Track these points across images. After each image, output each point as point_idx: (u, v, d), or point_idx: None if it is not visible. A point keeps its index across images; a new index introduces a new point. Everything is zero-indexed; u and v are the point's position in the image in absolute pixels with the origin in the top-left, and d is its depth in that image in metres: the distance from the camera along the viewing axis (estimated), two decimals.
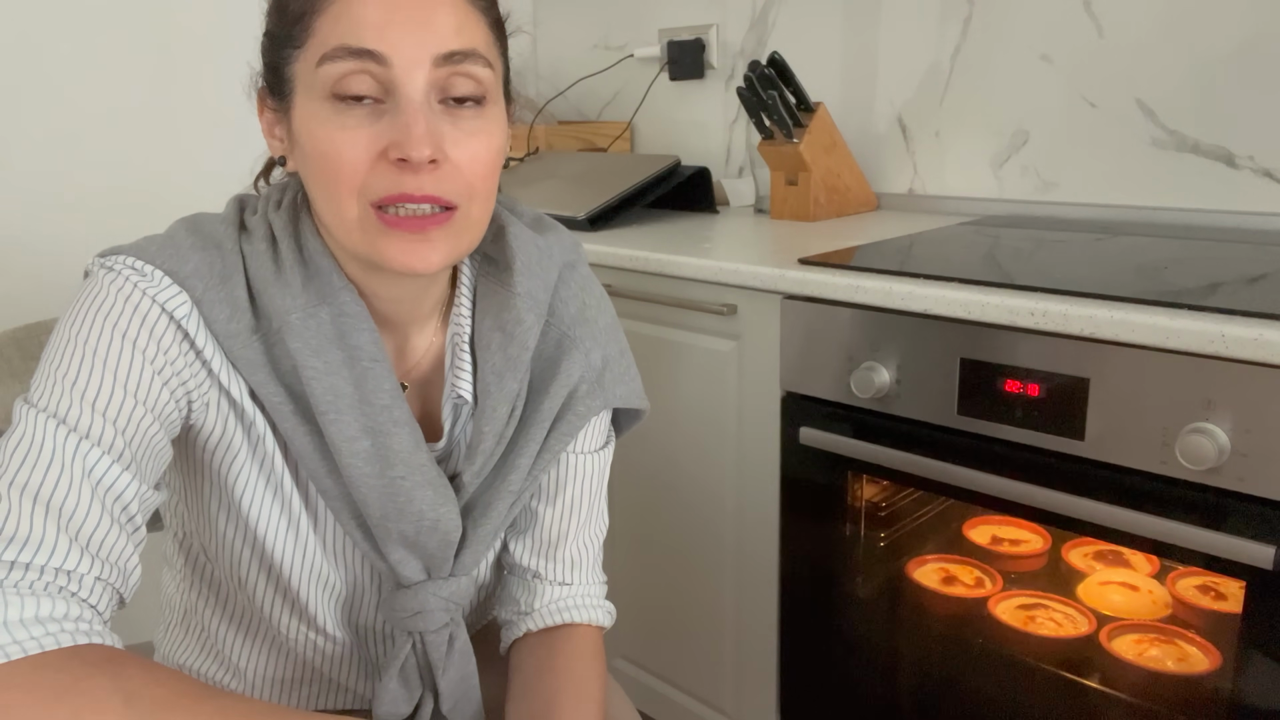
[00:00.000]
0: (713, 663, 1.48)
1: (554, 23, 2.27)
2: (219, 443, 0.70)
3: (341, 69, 0.62)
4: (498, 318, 0.74)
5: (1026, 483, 1.02)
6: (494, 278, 0.76)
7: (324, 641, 0.80)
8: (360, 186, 0.63)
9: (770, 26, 1.85)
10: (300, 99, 0.65)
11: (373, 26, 0.61)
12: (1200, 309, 0.92)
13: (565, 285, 0.79)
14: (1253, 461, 0.88)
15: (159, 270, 0.65)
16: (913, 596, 1.29)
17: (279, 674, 0.83)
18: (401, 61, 0.62)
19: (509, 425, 0.75)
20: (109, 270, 0.65)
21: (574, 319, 0.79)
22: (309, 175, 0.66)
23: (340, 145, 0.62)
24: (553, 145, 2.05)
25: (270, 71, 0.68)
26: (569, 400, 0.78)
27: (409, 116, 0.62)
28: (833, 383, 1.19)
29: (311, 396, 0.67)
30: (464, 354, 0.76)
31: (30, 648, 0.52)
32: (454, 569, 0.76)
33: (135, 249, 0.66)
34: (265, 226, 0.70)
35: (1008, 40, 1.54)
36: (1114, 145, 1.46)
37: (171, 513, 0.81)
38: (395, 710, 0.79)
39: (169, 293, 0.65)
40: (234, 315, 0.67)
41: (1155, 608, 1.17)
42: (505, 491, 0.76)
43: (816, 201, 1.62)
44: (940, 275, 1.10)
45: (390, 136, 0.62)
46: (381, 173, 0.63)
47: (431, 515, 0.72)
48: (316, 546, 0.76)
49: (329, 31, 0.62)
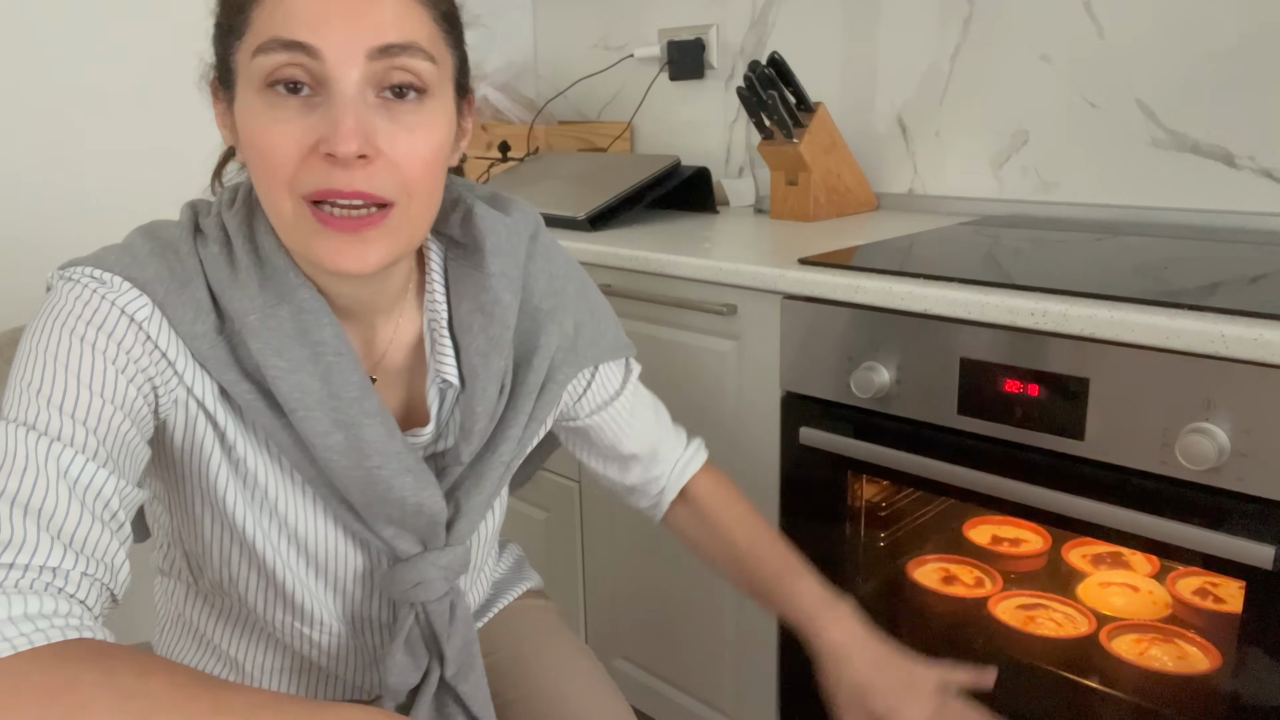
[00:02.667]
0: (713, 663, 1.48)
1: (554, 23, 2.27)
2: (193, 445, 0.71)
3: (274, 61, 0.61)
4: (475, 300, 0.75)
5: (1026, 483, 1.02)
6: (465, 260, 0.76)
7: (320, 635, 0.81)
8: (291, 180, 0.62)
9: (770, 26, 1.85)
10: (240, 90, 0.65)
11: (306, 19, 0.61)
12: (1200, 309, 0.92)
13: (532, 260, 0.80)
14: (1253, 461, 0.88)
15: (118, 277, 0.65)
16: (913, 596, 1.28)
17: (277, 667, 0.83)
18: (334, 55, 0.61)
19: (499, 402, 0.77)
20: (68, 281, 0.65)
21: (544, 292, 0.81)
22: (250, 169, 0.66)
23: (272, 138, 0.62)
24: (553, 145, 2.05)
25: (219, 62, 0.67)
26: (550, 370, 0.81)
27: (338, 111, 0.61)
28: (832, 383, 1.18)
29: (279, 395, 0.67)
30: (444, 338, 0.76)
31: (20, 644, 0.51)
32: (449, 540, 0.78)
33: (94, 259, 0.66)
34: (219, 229, 0.70)
35: (1008, 40, 1.54)
36: (1114, 145, 1.46)
37: (156, 521, 0.81)
38: (405, 680, 0.80)
39: (129, 296, 0.65)
40: (198, 317, 0.67)
41: (1155, 608, 1.17)
42: (497, 462, 0.78)
43: (816, 201, 1.62)
44: (940, 275, 1.10)
45: (320, 131, 0.61)
46: (312, 167, 0.62)
47: (414, 500, 0.73)
48: (305, 541, 0.76)
49: (264, 23, 0.61)
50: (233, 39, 0.64)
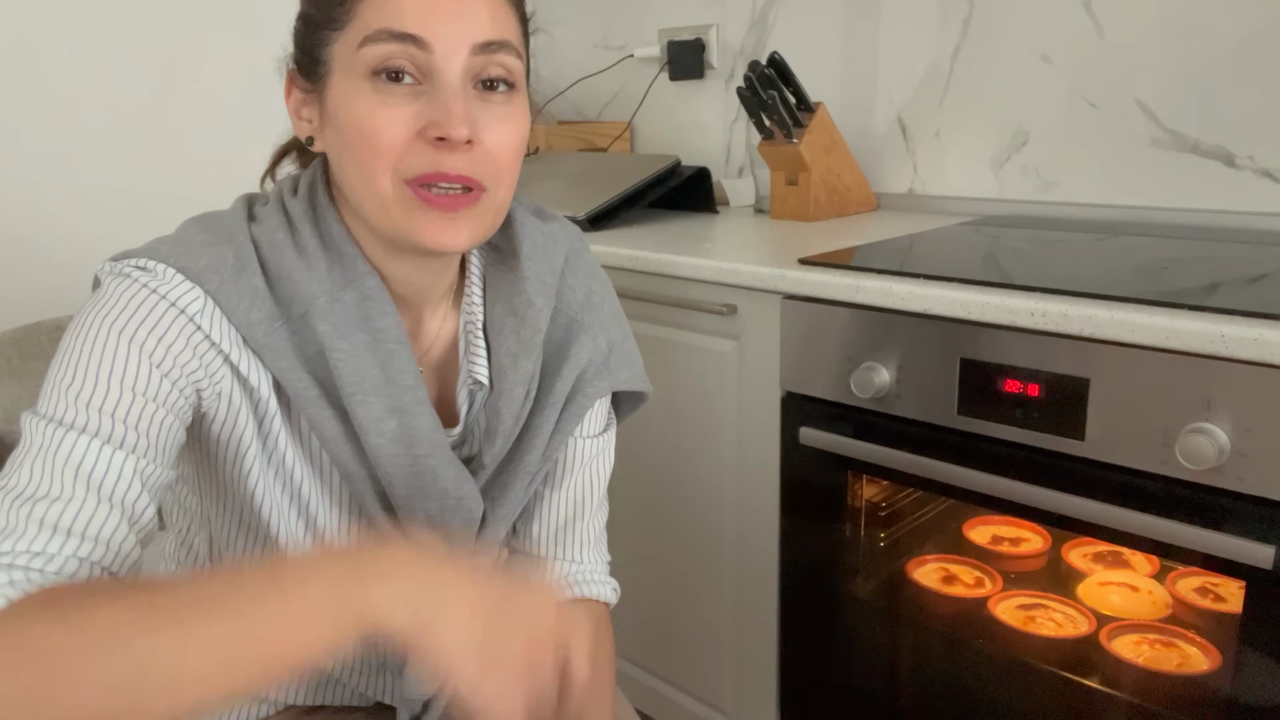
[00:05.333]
0: (713, 663, 1.48)
1: (554, 23, 2.27)
2: (230, 436, 0.71)
3: (383, 50, 0.64)
4: (509, 303, 0.77)
5: (1026, 483, 1.02)
6: (502, 264, 0.78)
7: None
8: (396, 162, 0.65)
9: (770, 26, 1.85)
10: (338, 79, 0.66)
11: (415, 13, 0.64)
12: (1200, 309, 0.92)
13: (572, 272, 0.82)
14: (1253, 461, 0.88)
15: (171, 269, 0.66)
16: (913, 596, 1.28)
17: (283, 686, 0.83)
18: (442, 47, 0.64)
19: (525, 406, 0.78)
20: (119, 276, 0.66)
21: (581, 304, 0.81)
22: (345, 152, 0.67)
23: (380, 121, 0.64)
24: (553, 145, 2.05)
25: (303, 53, 0.69)
26: (578, 382, 0.81)
27: (449, 98, 0.64)
28: (833, 383, 1.19)
29: (339, 378, 0.69)
30: (478, 339, 0.78)
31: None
32: (476, 544, 0.78)
33: (147, 250, 0.67)
34: (280, 214, 0.71)
35: (1008, 40, 1.54)
36: (1114, 145, 1.46)
37: (180, 507, 0.80)
38: (422, 691, 0.80)
39: (181, 289, 0.65)
40: (253, 304, 0.68)
41: (1155, 608, 1.18)
42: (523, 472, 0.79)
43: (816, 201, 1.62)
44: (940, 275, 1.10)
45: (429, 116, 0.64)
46: (419, 151, 0.65)
47: (456, 493, 0.74)
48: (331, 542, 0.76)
49: (372, 16, 0.64)
50: (328, 31, 0.66)
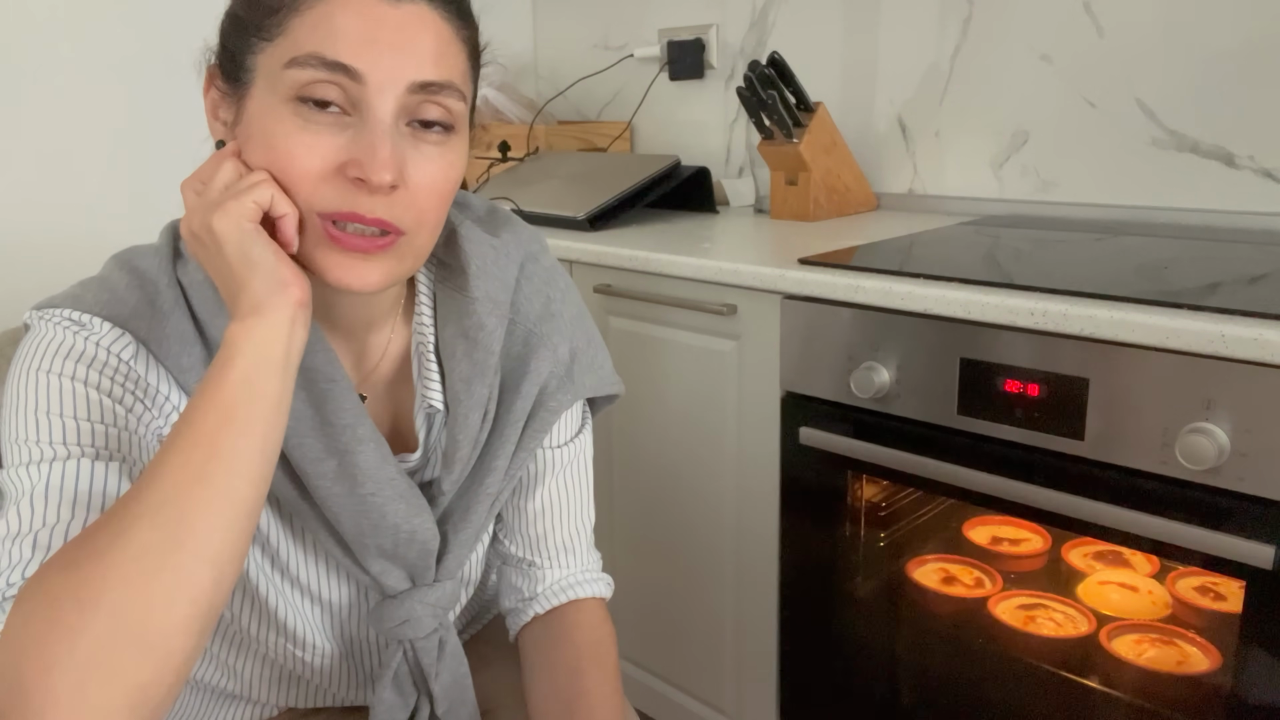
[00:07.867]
0: (713, 663, 1.48)
1: (554, 23, 2.27)
2: None
3: (310, 76, 0.59)
4: (459, 324, 0.73)
5: (1026, 483, 1.02)
6: (450, 283, 0.75)
7: (313, 656, 0.80)
8: (310, 194, 0.61)
9: (770, 26, 1.85)
10: (259, 92, 0.62)
11: (351, 42, 0.59)
12: (1200, 309, 0.92)
13: (528, 281, 0.78)
14: (1253, 461, 0.88)
15: (97, 318, 0.64)
16: (913, 596, 1.28)
17: (269, 677, 0.83)
18: (376, 81, 0.60)
19: (483, 429, 0.75)
20: (47, 323, 0.64)
21: (539, 315, 0.78)
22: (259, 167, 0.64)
23: (298, 148, 0.60)
24: (552, 145, 2.05)
25: (227, 54, 0.65)
26: (540, 397, 0.78)
27: (376, 137, 0.60)
28: (832, 383, 1.19)
29: None
30: (430, 362, 0.75)
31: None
32: (438, 574, 0.76)
33: (72, 299, 0.65)
34: None
35: (1008, 40, 1.54)
36: (1114, 145, 1.46)
37: None
38: (392, 718, 0.79)
39: (111, 336, 0.64)
40: (184, 349, 0.66)
41: (1155, 608, 1.17)
42: (483, 495, 0.76)
43: (816, 201, 1.62)
44: (940, 275, 1.10)
45: (352, 153, 0.60)
46: (337, 186, 0.61)
47: (407, 528, 0.72)
48: (296, 574, 0.76)
49: (305, 36, 0.60)
50: (257, 39, 0.62)
